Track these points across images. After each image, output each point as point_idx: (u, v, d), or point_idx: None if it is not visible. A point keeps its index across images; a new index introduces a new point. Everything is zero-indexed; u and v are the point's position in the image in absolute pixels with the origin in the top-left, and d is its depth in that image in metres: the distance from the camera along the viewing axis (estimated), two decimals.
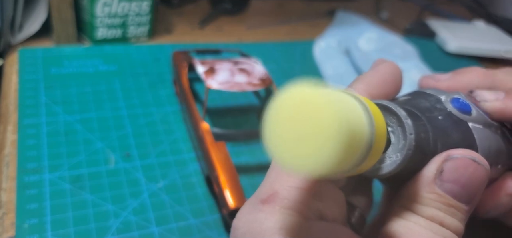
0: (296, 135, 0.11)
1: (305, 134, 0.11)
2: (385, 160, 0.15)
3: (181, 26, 0.59)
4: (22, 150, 0.33)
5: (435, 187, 0.15)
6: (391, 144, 0.16)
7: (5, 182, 0.30)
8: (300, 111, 0.11)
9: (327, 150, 0.10)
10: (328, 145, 0.10)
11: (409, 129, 0.15)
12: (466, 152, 0.16)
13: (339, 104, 0.11)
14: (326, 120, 0.11)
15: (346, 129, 0.10)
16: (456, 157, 0.15)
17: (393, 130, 0.16)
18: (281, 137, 0.12)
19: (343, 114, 0.11)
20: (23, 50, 0.45)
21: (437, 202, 0.15)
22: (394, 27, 0.70)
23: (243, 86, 0.35)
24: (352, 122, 0.11)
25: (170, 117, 0.40)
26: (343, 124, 0.10)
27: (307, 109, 0.11)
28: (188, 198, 0.32)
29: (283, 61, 0.54)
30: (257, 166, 0.36)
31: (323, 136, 0.11)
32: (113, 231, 0.28)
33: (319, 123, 0.11)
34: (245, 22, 0.64)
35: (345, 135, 0.10)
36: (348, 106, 0.12)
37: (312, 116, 0.11)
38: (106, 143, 0.35)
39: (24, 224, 0.28)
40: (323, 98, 0.11)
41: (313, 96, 0.11)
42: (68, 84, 0.41)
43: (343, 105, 0.11)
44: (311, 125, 0.11)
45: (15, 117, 0.36)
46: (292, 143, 0.11)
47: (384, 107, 0.16)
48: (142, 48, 0.50)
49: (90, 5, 0.46)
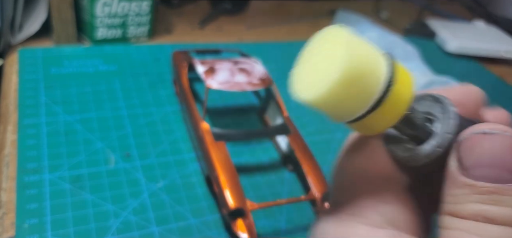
0: (313, 67, 0.13)
1: (319, 66, 0.13)
2: (425, 147, 0.15)
3: (181, 26, 0.59)
4: (22, 150, 0.33)
5: (463, 179, 0.13)
6: (433, 134, 0.15)
7: (5, 182, 0.30)
8: (322, 46, 0.13)
9: (331, 79, 0.12)
10: (333, 74, 0.12)
11: (453, 115, 0.15)
12: (473, 128, 0.14)
13: (356, 47, 0.12)
14: (338, 54, 0.12)
15: (354, 65, 0.12)
16: (463, 138, 0.14)
17: (438, 119, 0.16)
18: (302, 69, 0.14)
19: (355, 54, 0.12)
20: (23, 50, 0.45)
21: (474, 195, 0.13)
22: (394, 27, 0.70)
23: (243, 86, 0.35)
24: (364, 64, 0.12)
25: (170, 117, 0.40)
26: (352, 60, 0.12)
27: (328, 45, 0.13)
28: (188, 198, 0.32)
29: (283, 61, 0.54)
30: (257, 166, 0.37)
31: (330, 67, 0.12)
32: (113, 231, 0.28)
33: (332, 56, 0.12)
34: (245, 22, 0.64)
35: (351, 69, 0.12)
36: (367, 53, 0.13)
37: (330, 51, 0.12)
38: (106, 143, 0.35)
39: (24, 224, 0.28)
40: (345, 38, 0.12)
41: (338, 35, 0.13)
42: (68, 84, 0.41)
43: (361, 49, 0.12)
44: (326, 58, 0.12)
45: (15, 117, 0.36)
46: (307, 74, 0.13)
47: (433, 98, 0.16)
48: (142, 48, 0.50)
49: (90, 5, 0.46)
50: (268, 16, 0.67)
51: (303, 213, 0.32)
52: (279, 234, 0.31)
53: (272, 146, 0.39)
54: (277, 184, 0.35)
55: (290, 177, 0.36)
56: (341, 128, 0.43)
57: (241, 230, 0.28)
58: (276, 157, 0.38)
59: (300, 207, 0.33)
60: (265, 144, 0.39)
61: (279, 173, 0.36)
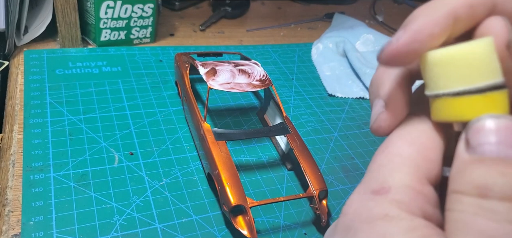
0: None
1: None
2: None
3: (183, 29, 0.60)
4: (27, 149, 0.34)
5: (469, 155, 0.13)
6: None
7: (11, 180, 0.31)
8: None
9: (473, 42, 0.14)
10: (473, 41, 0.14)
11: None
12: (482, 116, 0.14)
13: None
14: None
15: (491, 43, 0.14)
16: (472, 123, 0.14)
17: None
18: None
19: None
20: (29, 51, 0.46)
21: (479, 169, 0.13)
22: (390, 29, 0.71)
23: (243, 87, 0.36)
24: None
25: (173, 117, 0.41)
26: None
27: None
28: (190, 195, 0.33)
29: (282, 62, 0.55)
30: (257, 164, 0.37)
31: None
32: (117, 228, 0.29)
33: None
34: (245, 25, 0.65)
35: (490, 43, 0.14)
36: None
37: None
38: (110, 142, 0.36)
39: (30, 222, 0.28)
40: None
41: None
42: (73, 85, 0.42)
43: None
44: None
45: (21, 117, 0.37)
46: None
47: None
48: (145, 50, 0.51)
49: (94, 8, 0.47)
50: (268, 19, 0.68)
51: (301, 210, 0.33)
52: (278, 230, 0.31)
53: (272, 145, 0.40)
54: (276, 182, 0.36)
55: (289, 175, 0.37)
56: (339, 128, 0.44)
57: (241, 226, 0.28)
58: (275, 155, 0.39)
59: (298, 204, 0.34)
60: (265, 143, 0.40)
61: (278, 171, 0.37)
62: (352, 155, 0.40)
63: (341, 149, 0.41)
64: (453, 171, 0.14)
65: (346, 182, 0.37)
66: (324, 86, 0.51)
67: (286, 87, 0.50)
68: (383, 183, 0.15)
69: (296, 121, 0.44)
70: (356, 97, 0.50)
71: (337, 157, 0.40)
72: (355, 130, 0.44)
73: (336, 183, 0.37)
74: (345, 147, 0.41)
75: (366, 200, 0.15)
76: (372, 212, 0.15)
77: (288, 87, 0.50)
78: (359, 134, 0.44)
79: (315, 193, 0.31)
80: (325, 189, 0.31)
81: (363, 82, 0.52)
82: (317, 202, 0.30)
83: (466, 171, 0.13)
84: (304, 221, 0.32)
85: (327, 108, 0.47)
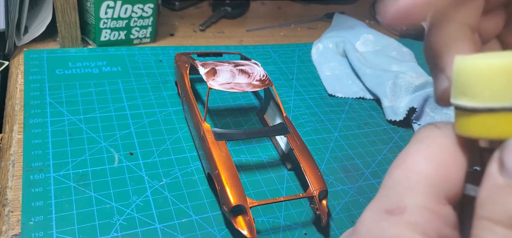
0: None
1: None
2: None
3: (183, 29, 0.60)
4: (27, 149, 0.34)
5: (504, 179, 0.13)
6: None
7: (11, 180, 0.31)
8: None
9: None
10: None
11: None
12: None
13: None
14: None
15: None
16: (508, 143, 0.13)
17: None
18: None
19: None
20: (29, 51, 0.46)
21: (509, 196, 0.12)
22: (390, 30, 0.71)
23: (243, 87, 0.36)
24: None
25: (172, 117, 0.41)
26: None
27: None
28: (190, 196, 0.33)
29: (282, 62, 0.55)
30: (257, 164, 0.37)
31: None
32: (116, 228, 0.29)
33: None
34: (245, 25, 0.65)
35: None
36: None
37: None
38: (110, 142, 0.36)
39: (30, 221, 0.28)
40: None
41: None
42: (73, 85, 0.42)
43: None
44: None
45: (20, 117, 0.37)
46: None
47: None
48: (145, 50, 0.51)
49: (94, 8, 0.47)
50: (268, 19, 0.68)
51: (301, 210, 0.33)
52: (278, 230, 0.31)
53: (272, 145, 0.40)
54: (276, 182, 0.36)
55: (289, 175, 0.37)
56: (339, 128, 0.44)
57: (241, 226, 0.28)
58: (275, 155, 0.39)
59: (298, 204, 0.34)
60: (265, 143, 0.40)
61: (278, 171, 0.37)
62: (352, 155, 0.40)
63: (341, 149, 0.41)
64: (483, 193, 0.13)
65: (346, 182, 0.37)
66: (324, 86, 0.51)
67: (286, 87, 0.50)
68: (398, 203, 0.15)
69: (296, 121, 0.44)
70: (356, 97, 0.50)
71: (337, 157, 0.40)
72: (355, 130, 0.44)
73: (336, 183, 0.37)
74: (345, 147, 0.41)
75: (380, 220, 0.15)
76: (385, 234, 0.14)
77: (288, 87, 0.50)
78: (359, 134, 0.44)
79: (315, 193, 0.31)
80: (325, 189, 0.31)
81: (363, 82, 0.52)
82: (317, 202, 0.30)
83: (499, 197, 0.12)
84: (304, 221, 0.32)
85: (327, 108, 0.47)
